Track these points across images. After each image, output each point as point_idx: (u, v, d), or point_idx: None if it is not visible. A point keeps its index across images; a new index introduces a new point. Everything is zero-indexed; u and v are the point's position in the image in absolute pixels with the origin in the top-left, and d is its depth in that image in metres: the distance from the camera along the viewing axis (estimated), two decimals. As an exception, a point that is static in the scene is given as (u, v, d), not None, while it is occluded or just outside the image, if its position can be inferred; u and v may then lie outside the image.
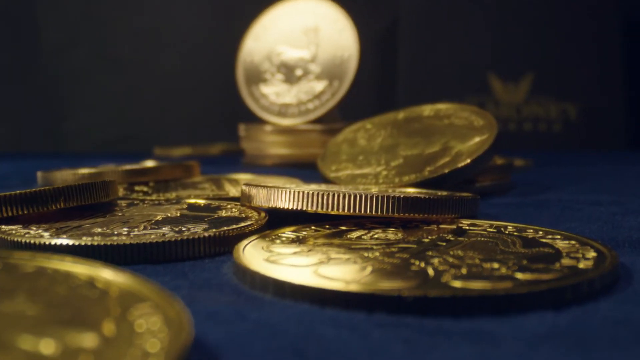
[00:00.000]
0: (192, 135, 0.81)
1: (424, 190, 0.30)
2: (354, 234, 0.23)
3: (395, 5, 0.83)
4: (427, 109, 0.40)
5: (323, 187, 0.30)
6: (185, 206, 0.28)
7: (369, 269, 0.18)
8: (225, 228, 0.23)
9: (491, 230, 0.23)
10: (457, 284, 0.16)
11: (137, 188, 0.37)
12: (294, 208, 0.24)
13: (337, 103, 0.49)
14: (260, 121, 0.52)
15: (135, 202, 0.30)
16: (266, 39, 0.53)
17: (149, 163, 0.44)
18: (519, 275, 0.17)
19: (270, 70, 0.52)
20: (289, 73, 0.51)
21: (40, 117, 0.85)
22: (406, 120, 0.39)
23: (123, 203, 0.30)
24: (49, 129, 0.85)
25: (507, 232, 0.23)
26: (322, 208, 0.24)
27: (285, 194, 0.25)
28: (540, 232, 0.23)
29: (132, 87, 0.84)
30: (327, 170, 0.36)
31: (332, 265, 0.19)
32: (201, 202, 0.29)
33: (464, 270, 0.18)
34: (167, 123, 0.84)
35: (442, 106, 0.40)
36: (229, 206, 0.28)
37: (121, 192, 0.35)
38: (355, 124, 0.41)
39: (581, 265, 0.18)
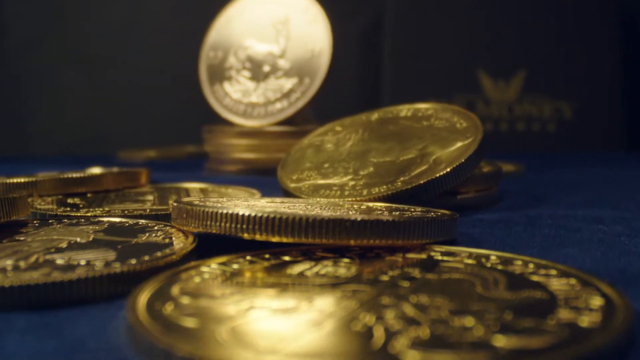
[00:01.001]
0: (166, 137, 0.76)
1: (394, 206, 0.25)
2: (296, 268, 0.18)
3: (381, -1, 0.78)
4: (405, 109, 0.35)
5: (277, 201, 0.26)
6: (105, 227, 0.23)
7: (297, 330, 0.13)
8: (132, 262, 0.18)
9: (469, 262, 0.19)
10: (413, 356, 0.12)
11: (69, 200, 0.32)
12: (227, 233, 0.20)
13: (308, 102, 0.44)
14: (225, 122, 0.47)
15: (50, 221, 0.25)
16: (231, 32, 0.48)
17: (94, 170, 0.39)
18: (500, 342, 0.12)
19: (236, 67, 0.47)
20: (256, 69, 0.46)
21: (3, 119, 0.80)
22: (380, 122, 0.35)
23: (36, 222, 0.25)
24: (11, 131, 0.79)
25: (489, 264, 0.18)
26: (259, 234, 0.19)
27: (216, 215, 0.20)
28: (531, 265, 0.18)
29: (100, 87, 0.79)
30: (288, 180, 0.32)
31: (250, 321, 0.14)
32: (127, 221, 0.24)
33: (424, 332, 0.13)
34: (139, 124, 0.79)
35: (421, 106, 0.35)
36: (156, 228, 0.23)
37: (53, 205, 0.31)
38: (324, 126, 0.37)
39: (584, 322, 0.13)
